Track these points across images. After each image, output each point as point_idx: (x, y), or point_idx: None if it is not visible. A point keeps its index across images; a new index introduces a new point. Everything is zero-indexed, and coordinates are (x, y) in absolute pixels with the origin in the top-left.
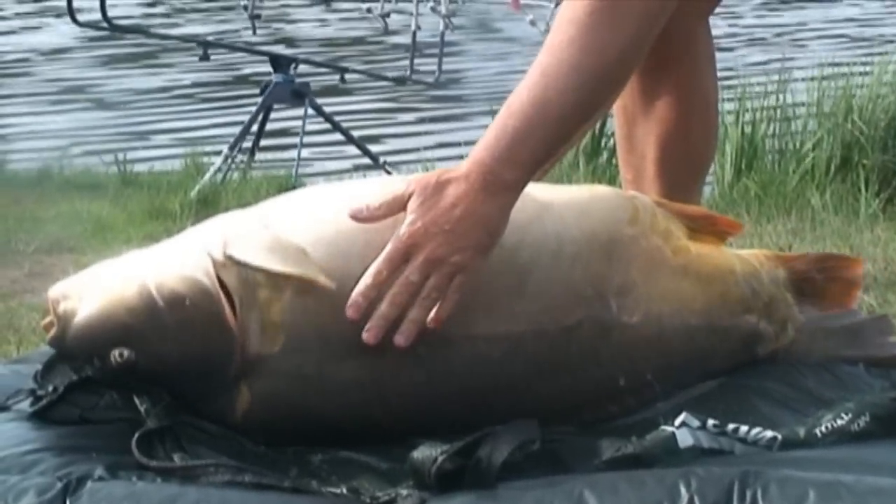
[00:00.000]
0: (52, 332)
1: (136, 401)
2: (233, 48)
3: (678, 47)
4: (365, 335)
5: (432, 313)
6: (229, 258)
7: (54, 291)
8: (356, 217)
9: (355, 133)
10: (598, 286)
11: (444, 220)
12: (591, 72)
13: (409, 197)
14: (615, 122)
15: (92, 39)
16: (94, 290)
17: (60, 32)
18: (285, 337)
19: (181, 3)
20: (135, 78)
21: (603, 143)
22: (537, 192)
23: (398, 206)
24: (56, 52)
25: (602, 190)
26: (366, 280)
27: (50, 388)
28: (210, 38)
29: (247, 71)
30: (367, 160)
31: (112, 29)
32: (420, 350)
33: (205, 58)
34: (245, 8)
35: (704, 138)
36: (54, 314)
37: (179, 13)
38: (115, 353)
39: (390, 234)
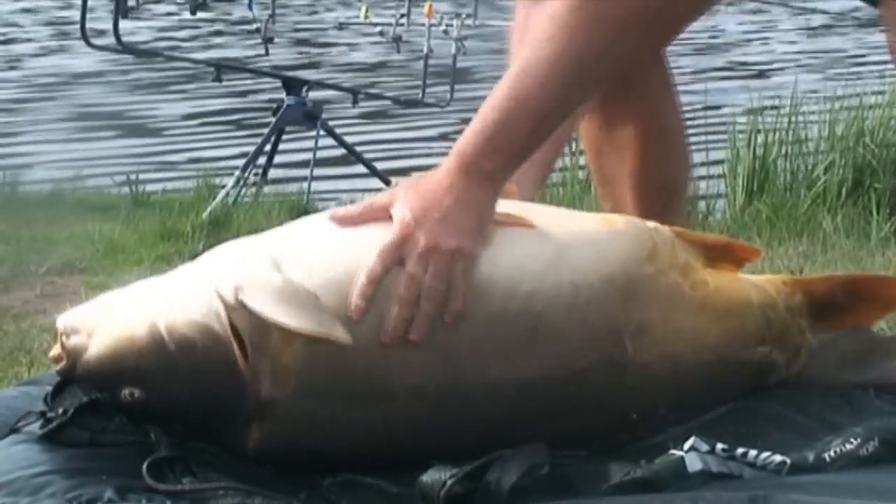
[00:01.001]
0: (61, 365)
1: (147, 428)
2: (245, 70)
3: (634, 77)
4: (384, 339)
5: (448, 310)
6: (241, 304)
7: (64, 323)
8: (335, 218)
9: (369, 156)
10: (614, 328)
11: (434, 210)
12: (570, 69)
13: (390, 202)
14: (585, 154)
15: (123, 64)
16: (105, 327)
17: (94, 56)
18: (296, 381)
19: (209, 29)
20: (158, 103)
21: None
22: (553, 232)
23: (379, 209)
24: (83, 76)
25: (621, 225)
26: (361, 279)
27: (60, 411)
28: (223, 61)
29: (263, 96)
30: (379, 182)
31: (125, 51)
32: (431, 393)
33: (217, 79)
34: (258, 31)
35: (669, 163)
36: (63, 348)
37: (213, 36)
38: (126, 391)
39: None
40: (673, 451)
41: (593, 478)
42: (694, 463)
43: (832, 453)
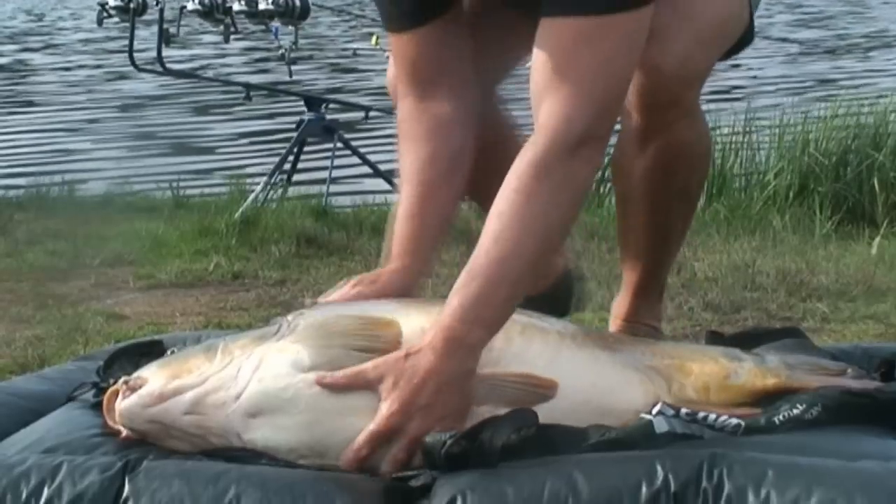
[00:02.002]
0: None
1: None
2: (271, 90)
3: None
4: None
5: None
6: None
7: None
8: (320, 382)
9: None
10: None
11: (420, 398)
12: (541, 235)
13: (378, 379)
14: None
15: (175, 89)
16: None
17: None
18: None
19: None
20: (204, 123)
21: None
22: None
23: (361, 381)
24: (143, 100)
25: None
26: (348, 455)
27: (111, 381)
28: (252, 82)
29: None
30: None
31: (166, 73)
32: None
33: (248, 98)
34: (282, 57)
35: None
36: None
37: (252, 62)
38: None
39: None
40: (643, 415)
41: (574, 439)
42: (661, 425)
43: (781, 417)
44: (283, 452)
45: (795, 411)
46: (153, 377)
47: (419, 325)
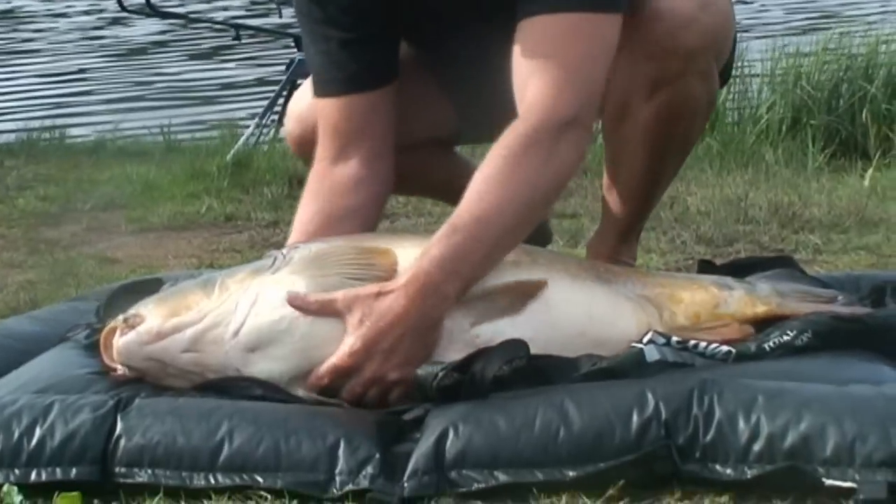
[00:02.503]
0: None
1: None
2: (260, 30)
3: None
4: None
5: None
6: None
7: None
8: (291, 302)
9: None
10: None
11: (384, 341)
12: (523, 203)
13: (346, 311)
14: None
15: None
16: None
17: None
18: None
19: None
20: (199, 67)
21: None
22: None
23: (330, 310)
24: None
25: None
26: (311, 380)
27: (108, 322)
28: (240, 22)
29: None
30: None
31: (153, 13)
32: None
33: (237, 39)
34: None
35: None
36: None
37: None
38: None
39: None
40: (634, 344)
41: (565, 369)
42: (652, 354)
43: (772, 343)
44: (284, 383)
45: (786, 338)
46: (151, 314)
47: (414, 256)
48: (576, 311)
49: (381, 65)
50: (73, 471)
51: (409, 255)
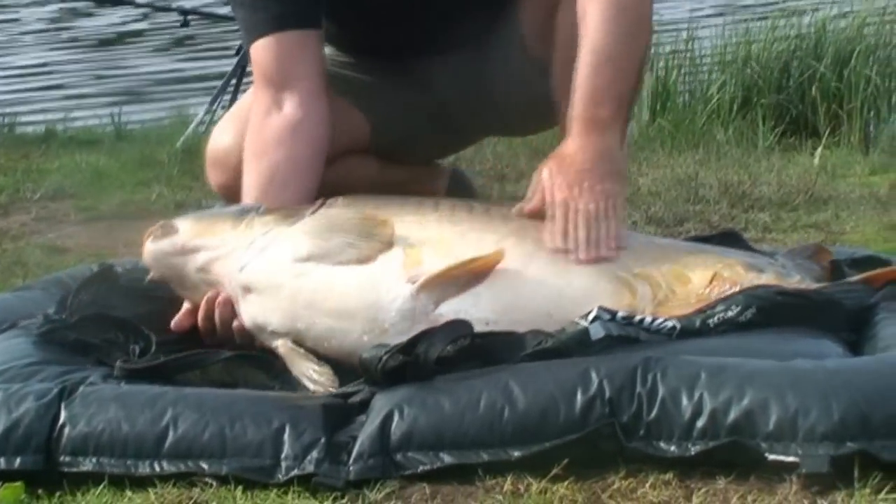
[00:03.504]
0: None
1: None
2: (209, 15)
3: None
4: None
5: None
6: None
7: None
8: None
9: None
10: None
11: (578, 166)
12: (642, 44)
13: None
14: None
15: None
16: None
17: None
18: None
19: None
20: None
21: None
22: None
23: (538, 191)
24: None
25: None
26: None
27: (63, 316)
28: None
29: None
30: None
31: (98, 1)
32: None
33: (185, 24)
34: None
35: None
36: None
37: None
38: None
39: None
40: (578, 321)
41: (510, 348)
42: (597, 332)
43: (716, 319)
44: (266, 334)
45: (730, 313)
46: (183, 229)
47: (412, 223)
48: (546, 292)
49: (307, 6)
50: (17, 460)
51: (407, 226)
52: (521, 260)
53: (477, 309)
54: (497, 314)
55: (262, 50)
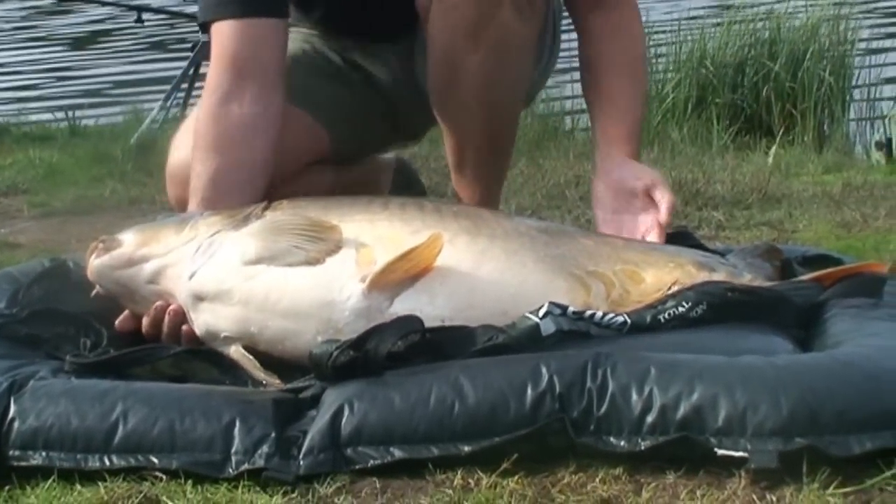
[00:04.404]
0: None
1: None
2: (165, 12)
3: None
4: None
5: None
6: None
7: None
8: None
9: None
10: None
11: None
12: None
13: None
14: None
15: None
16: None
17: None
18: None
19: None
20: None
21: None
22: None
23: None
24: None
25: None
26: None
27: (13, 311)
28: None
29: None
30: None
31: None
32: None
33: (139, 21)
34: None
35: None
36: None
37: None
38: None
39: None
40: (529, 317)
41: (460, 343)
42: (548, 327)
43: (667, 315)
44: (220, 341)
45: (681, 309)
46: (127, 241)
47: (362, 222)
48: (501, 289)
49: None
50: None
51: (356, 229)
52: (474, 258)
53: (432, 307)
54: (452, 311)
55: (226, 32)
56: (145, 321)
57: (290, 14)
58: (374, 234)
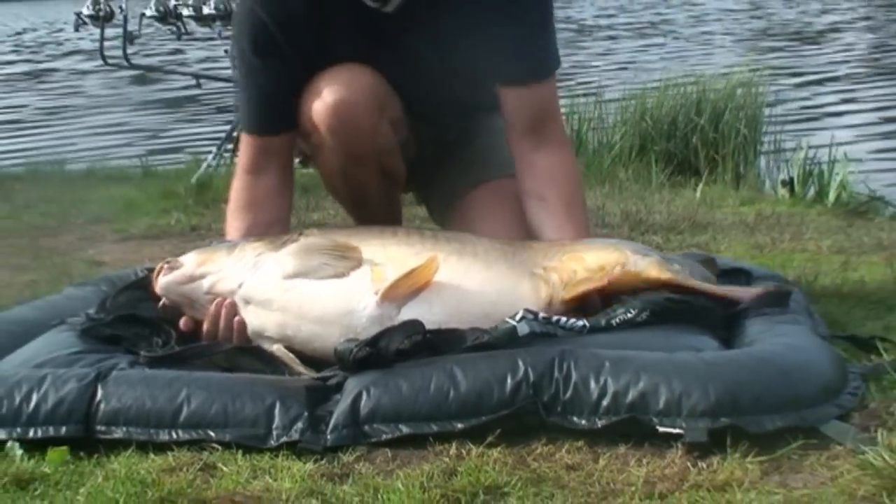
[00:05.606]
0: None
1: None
2: (216, 78)
3: None
4: None
5: None
6: None
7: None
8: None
9: None
10: None
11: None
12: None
13: None
14: None
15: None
16: None
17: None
18: None
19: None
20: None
21: None
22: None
23: None
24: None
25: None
26: None
27: (101, 315)
28: (203, 72)
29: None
30: None
31: (130, 66)
32: None
33: (198, 86)
34: (226, 52)
35: None
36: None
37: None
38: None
39: None
40: (508, 321)
41: (454, 342)
42: (523, 329)
43: (618, 320)
44: (264, 338)
45: (629, 315)
46: (188, 262)
47: (376, 246)
48: (484, 298)
49: (283, 117)
50: (63, 429)
51: (373, 249)
52: (460, 273)
53: (431, 314)
54: (447, 316)
55: (246, 139)
56: (207, 317)
57: None
58: (385, 255)
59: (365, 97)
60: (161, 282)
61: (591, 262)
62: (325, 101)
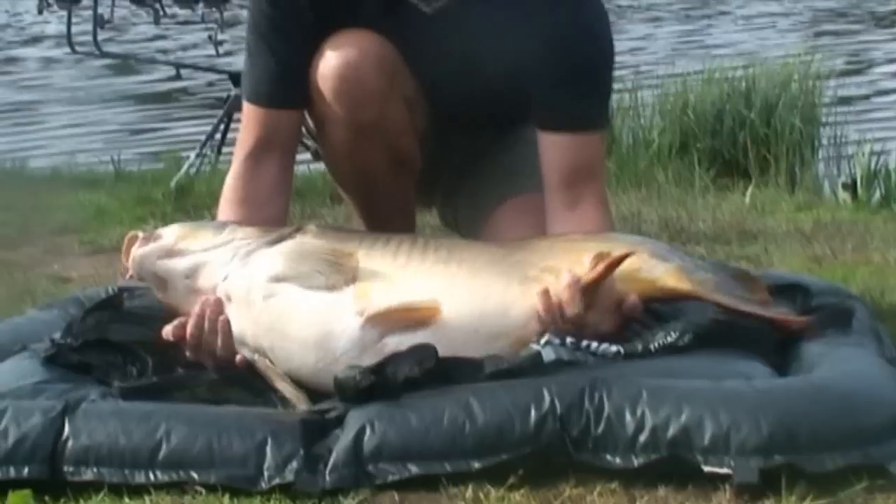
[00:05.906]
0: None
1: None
2: (199, 68)
3: None
4: None
5: None
6: None
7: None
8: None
9: None
10: None
11: None
12: None
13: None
14: None
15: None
16: None
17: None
18: None
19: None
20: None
21: None
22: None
23: None
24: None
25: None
26: None
27: (66, 340)
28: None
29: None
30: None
31: (101, 55)
32: None
33: (177, 76)
34: (210, 38)
35: None
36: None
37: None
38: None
39: None
40: (532, 346)
41: (470, 370)
42: (549, 355)
43: (657, 344)
44: (244, 345)
45: (670, 339)
46: (167, 234)
47: (363, 260)
48: (469, 314)
49: (295, 88)
50: (25, 469)
51: (368, 256)
52: (445, 286)
53: (414, 337)
54: (431, 338)
55: (255, 114)
56: (192, 319)
57: None
58: (371, 267)
59: (372, 61)
60: (135, 253)
61: (587, 259)
62: (329, 62)
